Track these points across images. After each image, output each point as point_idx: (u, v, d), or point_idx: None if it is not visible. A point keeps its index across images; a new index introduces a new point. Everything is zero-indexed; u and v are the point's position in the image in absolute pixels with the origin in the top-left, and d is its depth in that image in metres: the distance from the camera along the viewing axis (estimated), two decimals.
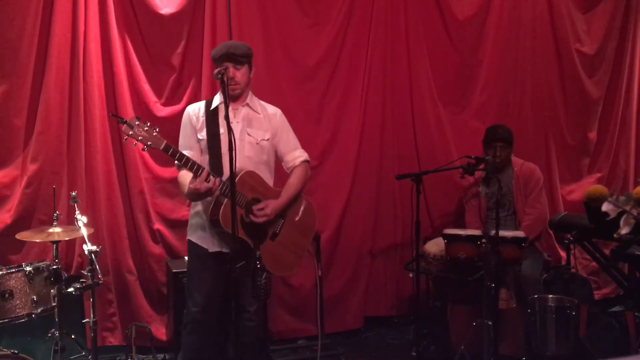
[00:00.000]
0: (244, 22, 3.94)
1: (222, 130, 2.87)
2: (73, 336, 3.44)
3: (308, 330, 4.18)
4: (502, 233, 3.32)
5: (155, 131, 2.58)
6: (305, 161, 3.13)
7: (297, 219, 3.04)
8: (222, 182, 2.71)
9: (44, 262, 3.18)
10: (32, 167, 3.59)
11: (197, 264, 2.96)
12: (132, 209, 3.81)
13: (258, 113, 3.01)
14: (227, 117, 2.46)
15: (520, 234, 3.49)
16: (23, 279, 3.04)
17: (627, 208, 1.72)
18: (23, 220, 3.58)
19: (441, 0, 4.37)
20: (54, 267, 3.13)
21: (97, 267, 2.90)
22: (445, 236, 3.52)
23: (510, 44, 4.52)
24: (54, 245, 3.23)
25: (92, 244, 2.91)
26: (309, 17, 4.15)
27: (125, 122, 2.52)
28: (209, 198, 2.77)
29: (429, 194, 4.27)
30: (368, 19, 4.23)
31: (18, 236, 3.23)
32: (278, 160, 3.11)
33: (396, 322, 4.42)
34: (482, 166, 3.50)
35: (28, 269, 3.06)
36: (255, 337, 3.05)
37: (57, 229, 3.20)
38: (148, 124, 2.55)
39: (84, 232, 2.98)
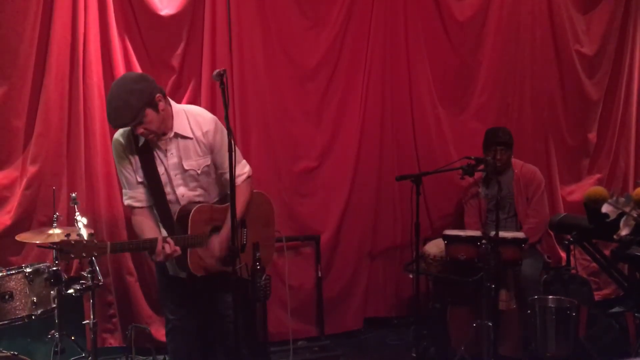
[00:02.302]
0: (244, 24, 3.94)
1: (162, 170, 2.72)
2: (73, 338, 3.45)
3: (308, 331, 4.18)
4: (502, 234, 3.33)
5: (94, 238, 2.48)
6: (248, 177, 2.91)
7: (256, 216, 2.93)
8: (178, 240, 2.58)
9: (44, 264, 3.18)
10: (31, 169, 3.59)
11: (165, 278, 2.90)
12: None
13: (190, 138, 2.73)
14: (226, 118, 2.44)
15: (520, 234, 3.50)
16: (23, 280, 3.04)
17: (627, 209, 1.73)
18: (23, 222, 3.58)
19: (440, 1, 4.37)
20: (54, 268, 3.13)
21: (97, 268, 2.91)
22: (445, 237, 3.52)
23: (509, 45, 4.52)
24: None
25: None
26: (308, 18, 4.15)
27: (60, 250, 2.37)
28: None
29: (429, 195, 4.27)
30: (367, 21, 4.23)
31: (18, 238, 3.23)
32: None
33: (396, 323, 4.42)
34: (481, 167, 3.50)
35: (28, 270, 3.06)
36: (240, 339, 2.97)
37: (57, 231, 3.21)
38: (82, 236, 2.44)
39: (84, 233, 2.97)
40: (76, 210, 3.14)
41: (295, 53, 4.12)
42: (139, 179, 2.73)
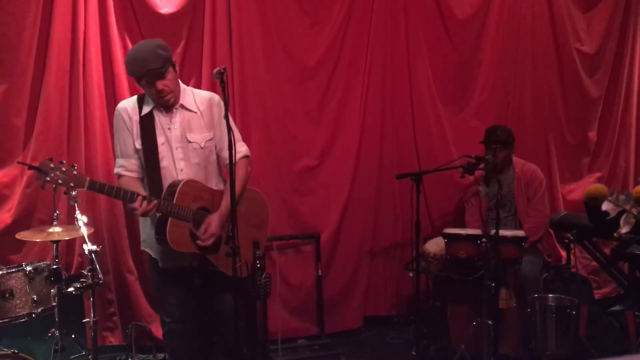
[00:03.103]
0: (244, 22, 3.94)
1: (162, 140, 2.72)
2: (73, 336, 3.45)
3: (308, 329, 4.18)
4: (502, 232, 3.32)
5: (74, 169, 2.42)
6: (245, 157, 2.91)
7: (250, 215, 2.88)
8: (159, 202, 2.55)
9: (44, 262, 3.18)
10: None
11: (160, 278, 2.87)
12: None
13: (194, 112, 2.79)
14: (226, 117, 2.47)
15: (520, 233, 3.49)
16: (23, 278, 3.04)
17: (627, 207, 1.72)
18: (23, 220, 3.58)
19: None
20: (54, 266, 3.13)
21: (97, 266, 2.89)
22: (445, 235, 3.52)
23: (510, 43, 4.52)
24: (54, 245, 3.24)
25: (92, 244, 2.89)
26: (308, 17, 4.15)
27: (38, 169, 2.32)
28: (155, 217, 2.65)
29: (429, 193, 4.27)
30: (368, 19, 4.23)
31: (18, 236, 3.23)
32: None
33: (396, 321, 4.43)
34: (482, 165, 3.50)
35: (28, 268, 3.06)
36: (240, 338, 2.94)
37: (57, 229, 3.21)
38: (64, 163, 2.40)
39: (84, 231, 2.96)
40: (76, 208, 3.12)
41: (295, 51, 4.12)
42: (137, 146, 2.73)
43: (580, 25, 4.70)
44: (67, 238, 3.30)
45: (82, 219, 3.06)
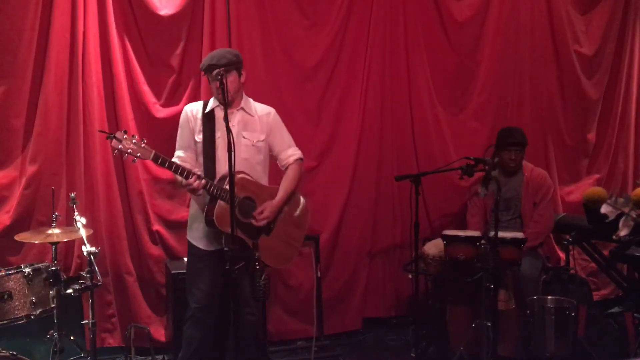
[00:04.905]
0: (243, 23, 3.94)
1: (219, 134, 2.99)
2: (72, 337, 3.44)
3: (307, 331, 4.18)
4: (502, 234, 3.32)
5: (144, 143, 2.74)
6: (299, 159, 3.23)
7: (290, 213, 3.14)
8: (212, 185, 2.85)
9: (43, 264, 3.18)
10: (31, 168, 3.59)
11: (196, 263, 3.08)
12: (131, 210, 3.81)
13: (252, 116, 3.11)
14: (226, 118, 2.50)
15: (519, 234, 3.50)
16: (22, 280, 3.04)
17: (626, 210, 1.73)
18: (22, 222, 3.57)
19: (440, 1, 4.38)
20: (53, 268, 3.13)
21: (96, 268, 2.90)
22: (444, 237, 3.52)
23: (508, 45, 4.52)
24: (53, 246, 3.23)
25: (91, 245, 2.91)
26: (307, 18, 4.15)
27: (114, 137, 2.67)
28: (205, 200, 2.93)
29: (428, 195, 4.26)
30: (367, 20, 4.24)
31: (17, 237, 3.22)
32: (272, 158, 3.21)
33: (395, 323, 4.42)
34: (480, 167, 3.50)
35: (27, 270, 3.06)
36: (253, 331, 3.14)
37: (56, 230, 3.20)
38: (135, 137, 2.72)
39: (83, 233, 2.97)
40: (75, 210, 3.13)
41: (294, 52, 4.12)
42: (197, 139, 3.02)
43: (579, 27, 4.72)
44: (65, 239, 3.29)
45: (81, 220, 3.06)
